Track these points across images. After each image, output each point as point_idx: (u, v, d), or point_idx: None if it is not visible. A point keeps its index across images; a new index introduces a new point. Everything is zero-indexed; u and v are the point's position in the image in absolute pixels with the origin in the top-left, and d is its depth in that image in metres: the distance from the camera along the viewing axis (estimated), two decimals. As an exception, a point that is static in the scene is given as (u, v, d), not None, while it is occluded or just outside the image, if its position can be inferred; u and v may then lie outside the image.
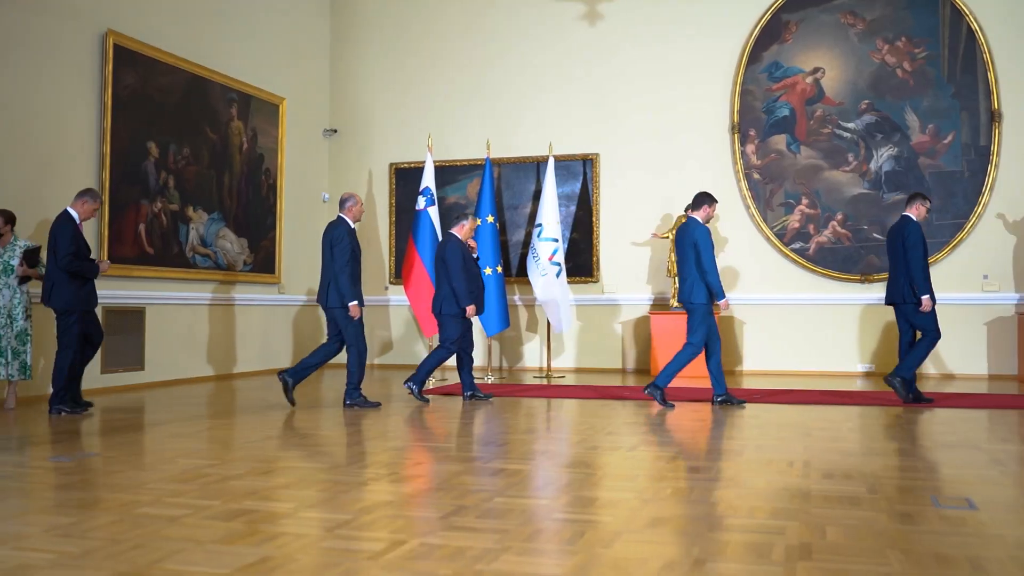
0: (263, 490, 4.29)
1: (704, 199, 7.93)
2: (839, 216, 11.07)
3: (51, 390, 7.27)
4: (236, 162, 11.08)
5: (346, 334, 7.69)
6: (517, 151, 12.18)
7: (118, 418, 7.16)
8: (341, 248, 7.56)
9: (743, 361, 11.35)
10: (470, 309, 8.07)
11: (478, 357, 11.47)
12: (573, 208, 11.96)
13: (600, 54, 12.06)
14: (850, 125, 11.13)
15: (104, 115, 9.03)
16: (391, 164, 12.81)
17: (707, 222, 7.91)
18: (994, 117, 10.64)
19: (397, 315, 12.63)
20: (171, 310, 9.95)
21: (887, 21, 11.06)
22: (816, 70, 11.27)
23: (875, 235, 10.93)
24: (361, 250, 7.94)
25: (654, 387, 7.70)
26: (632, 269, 11.77)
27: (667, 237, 11.06)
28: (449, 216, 12.12)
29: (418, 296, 10.57)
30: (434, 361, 8.13)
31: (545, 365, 11.44)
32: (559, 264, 10.72)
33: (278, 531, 3.51)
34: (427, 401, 8.09)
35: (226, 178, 10.89)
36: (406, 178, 12.62)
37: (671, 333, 10.86)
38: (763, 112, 11.43)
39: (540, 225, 10.86)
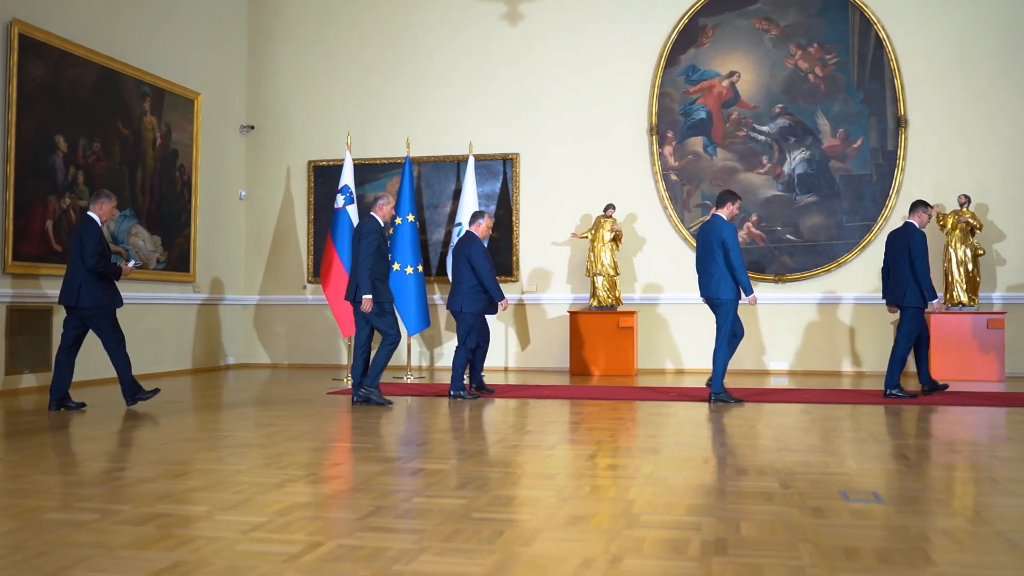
0: (177, 493, 4.20)
1: (728, 197, 8.09)
2: (754, 217, 11.30)
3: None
4: (149, 157, 10.81)
5: (377, 327, 7.81)
6: (437, 150, 12.14)
7: (24, 421, 6.92)
8: (366, 243, 7.69)
9: (663, 360, 11.51)
10: (503, 303, 8.42)
11: (399, 357, 11.41)
12: (493, 207, 11.97)
13: (521, 54, 12.10)
14: (764, 128, 11.37)
15: (8, 108, 8.72)
16: (309, 162, 12.65)
17: (731, 219, 8.03)
18: (900, 123, 11.00)
19: (315, 314, 12.48)
20: (80, 309, 9.64)
21: (800, 27, 11.34)
22: (732, 74, 11.49)
23: (788, 236, 11.20)
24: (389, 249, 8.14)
25: (715, 396, 7.93)
26: (552, 268, 11.85)
27: (586, 237, 11.16)
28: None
29: (336, 295, 10.42)
30: (461, 362, 8.42)
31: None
32: (479, 263, 10.70)
33: (192, 535, 3.44)
34: (476, 396, 8.39)
35: (139, 174, 10.62)
36: (325, 176, 12.49)
37: (590, 332, 10.98)
38: (680, 114, 11.61)
39: (460, 224, 10.85)
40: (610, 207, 11.06)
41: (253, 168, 12.89)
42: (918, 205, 8.44)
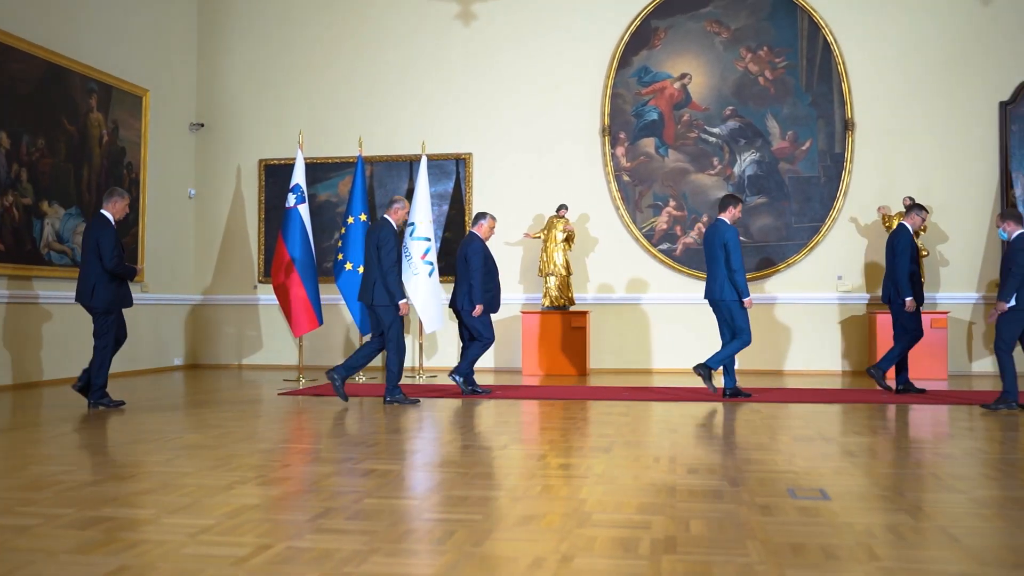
0: (122, 496, 4.13)
1: (729, 201, 8.37)
2: (704, 218, 11.41)
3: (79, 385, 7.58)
4: (96, 155, 10.62)
5: (387, 332, 7.88)
6: (390, 149, 12.10)
7: (-36, 423, 6.77)
8: (387, 249, 7.77)
9: (616, 360, 11.57)
10: (478, 308, 8.55)
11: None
12: (446, 207, 11.95)
13: (474, 54, 12.10)
14: (715, 130, 11.49)
15: (-51, 103, 8.52)
16: (260, 160, 12.53)
17: (734, 223, 8.27)
18: (847, 126, 11.18)
19: (266, 314, 12.36)
20: (24, 310, 9.47)
21: (750, 31, 11.47)
22: (683, 76, 11.59)
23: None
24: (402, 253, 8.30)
25: (700, 368, 8.15)
26: (504, 269, 11.82)
27: (539, 237, 11.19)
28: (321, 214, 11.96)
29: (287, 295, 10.34)
30: (475, 354, 8.66)
31: (417, 364, 11.40)
32: (431, 263, 10.68)
33: (138, 538, 3.38)
34: (487, 391, 8.67)
35: (85, 171, 10.43)
36: (276, 175, 12.37)
37: (542, 332, 11.00)
38: (633, 115, 11.68)
39: (412, 224, 10.80)
40: (563, 207, 11.10)
41: (203, 166, 12.73)
42: (912, 207, 8.85)
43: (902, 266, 8.46)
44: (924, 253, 10.53)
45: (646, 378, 10.54)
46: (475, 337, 8.68)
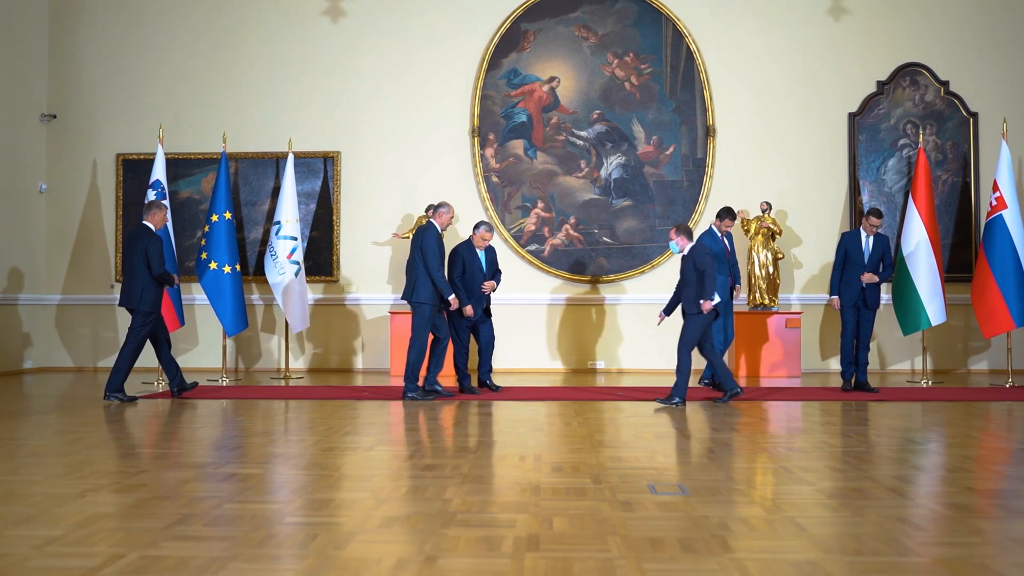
0: (-39, 507, 3.91)
1: (721, 213, 9.27)
2: (572, 220, 11.60)
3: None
4: (-65, 146, 10.01)
5: (414, 328, 8.34)
6: (255, 146, 11.83)
7: None
8: (432, 252, 8.21)
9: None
10: (453, 300, 8.52)
11: (216, 358, 11.10)
12: (313, 206, 11.77)
13: (342, 51, 11.95)
14: (583, 133, 11.69)
15: None
16: (118, 155, 12.04)
17: (721, 232, 9.20)
18: (709, 132, 11.56)
19: (123, 315, 11.87)
20: None
21: (617, 37, 11.72)
22: (552, 79, 11.74)
23: (605, 239, 11.55)
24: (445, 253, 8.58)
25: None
26: (373, 269, 11.75)
27: (407, 237, 11.13)
28: (182, 211, 11.60)
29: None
30: (486, 355, 9.08)
31: (283, 365, 11.19)
32: (298, 263, 10.51)
33: (-23, 552, 3.21)
34: (479, 391, 8.92)
35: (-77, 163, 9.82)
36: (135, 170, 11.92)
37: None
38: (502, 117, 11.76)
39: (279, 223, 10.59)
40: (431, 208, 11.06)
41: (55, 160, 12.14)
42: (869, 213, 9.15)
43: (834, 268, 9.09)
44: (780, 256, 10.97)
45: (514, 378, 10.62)
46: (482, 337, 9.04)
